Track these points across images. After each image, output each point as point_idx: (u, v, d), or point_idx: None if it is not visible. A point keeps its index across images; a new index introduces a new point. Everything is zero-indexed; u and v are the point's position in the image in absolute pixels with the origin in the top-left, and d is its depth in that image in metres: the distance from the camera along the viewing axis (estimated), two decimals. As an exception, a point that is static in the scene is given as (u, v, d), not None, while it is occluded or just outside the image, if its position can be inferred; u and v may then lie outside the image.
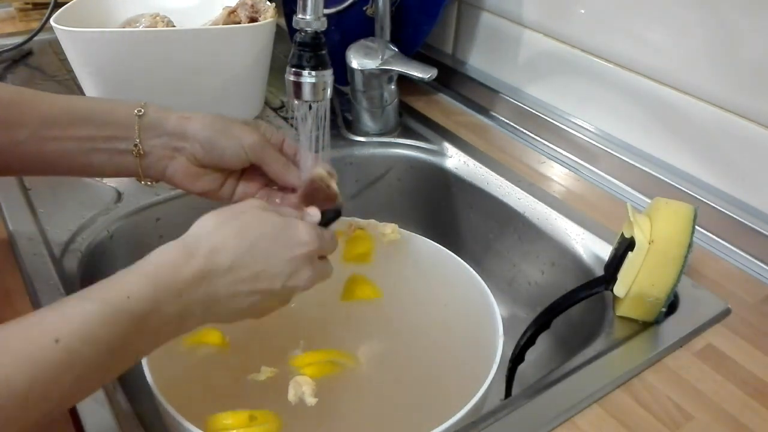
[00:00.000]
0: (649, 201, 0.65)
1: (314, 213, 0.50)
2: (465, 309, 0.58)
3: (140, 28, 0.83)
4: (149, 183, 0.54)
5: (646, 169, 0.73)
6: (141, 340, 0.39)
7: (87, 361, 0.35)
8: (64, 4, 0.80)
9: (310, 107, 0.55)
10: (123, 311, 0.37)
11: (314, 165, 0.53)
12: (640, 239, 0.53)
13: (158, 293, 0.39)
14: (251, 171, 0.54)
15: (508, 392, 0.62)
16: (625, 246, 0.55)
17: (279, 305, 0.47)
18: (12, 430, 0.33)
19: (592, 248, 0.67)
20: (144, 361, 0.46)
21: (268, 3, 0.84)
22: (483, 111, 0.92)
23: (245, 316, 0.45)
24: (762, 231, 0.64)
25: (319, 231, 0.47)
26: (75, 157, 0.51)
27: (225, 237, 0.43)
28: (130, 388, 0.51)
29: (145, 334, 0.39)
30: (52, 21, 0.74)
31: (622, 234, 0.56)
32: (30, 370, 0.33)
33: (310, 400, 0.48)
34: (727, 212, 0.66)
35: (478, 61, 0.95)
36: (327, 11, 0.55)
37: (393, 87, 0.84)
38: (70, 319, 0.35)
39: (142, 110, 0.51)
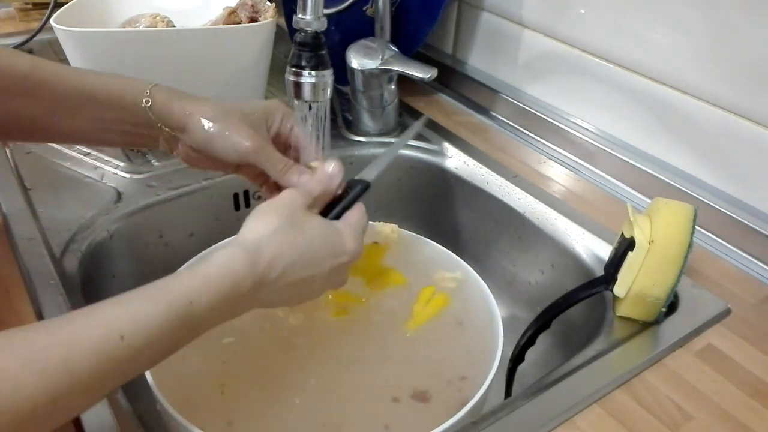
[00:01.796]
0: (649, 201, 0.65)
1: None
2: (465, 309, 0.58)
3: (140, 28, 0.83)
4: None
5: (646, 169, 0.73)
6: (189, 338, 0.41)
7: (145, 357, 0.37)
8: (64, 4, 0.80)
9: (310, 107, 0.55)
10: (185, 317, 0.39)
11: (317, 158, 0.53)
12: (640, 239, 0.53)
13: (217, 302, 0.40)
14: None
15: (508, 392, 0.62)
16: (625, 246, 0.55)
17: (308, 299, 0.49)
18: (72, 415, 0.35)
19: (592, 248, 0.67)
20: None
21: (268, 3, 0.84)
22: (483, 111, 0.92)
23: (278, 306, 0.50)
24: (762, 231, 0.64)
25: (360, 235, 0.49)
26: (87, 133, 0.53)
27: (281, 245, 0.44)
28: (130, 388, 0.51)
29: (194, 333, 0.41)
30: (52, 21, 0.74)
31: (622, 234, 0.56)
32: (95, 364, 0.34)
33: None
34: (727, 212, 0.66)
35: (478, 61, 0.95)
36: (327, 11, 0.55)
37: (393, 87, 0.84)
38: (136, 318, 0.37)
39: (150, 100, 0.52)
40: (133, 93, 0.52)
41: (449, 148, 0.83)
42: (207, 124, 0.51)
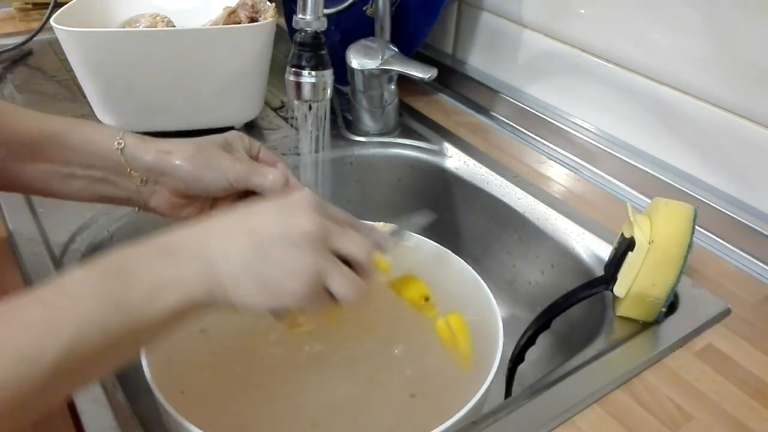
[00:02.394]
0: (649, 201, 0.65)
1: None
2: (465, 309, 0.58)
3: (140, 28, 0.83)
4: (138, 209, 0.53)
5: (646, 169, 0.73)
6: (137, 298, 0.36)
7: (80, 317, 0.34)
8: (64, 4, 0.80)
9: (310, 107, 0.55)
10: (106, 270, 0.36)
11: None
12: (640, 239, 0.53)
13: (142, 254, 0.38)
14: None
15: (508, 392, 0.62)
16: (625, 246, 0.55)
17: (306, 264, 0.40)
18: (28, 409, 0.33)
19: (592, 248, 0.67)
20: (144, 361, 0.46)
21: (268, 3, 0.84)
22: (483, 111, 0.92)
23: (278, 285, 0.39)
24: (762, 231, 0.64)
25: (309, 192, 0.45)
26: (52, 181, 0.50)
27: (209, 219, 0.42)
28: (130, 388, 0.51)
29: (140, 291, 0.36)
30: (52, 21, 0.74)
31: (622, 234, 0.56)
32: (16, 330, 0.32)
33: None
34: (727, 212, 0.66)
35: (478, 61, 0.95)
36: (327, 11, 0.55)
37: (393, 87, 0.84)
38: (55, 284, 0.35)
39: (122, 142, 0.49)
40: (104, 135, 0.50)
41: (449, 148, 0.83)
42: (189, 155, 0.49)
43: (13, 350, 0.32)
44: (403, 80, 0.84)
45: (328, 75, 0.54)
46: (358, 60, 0.80)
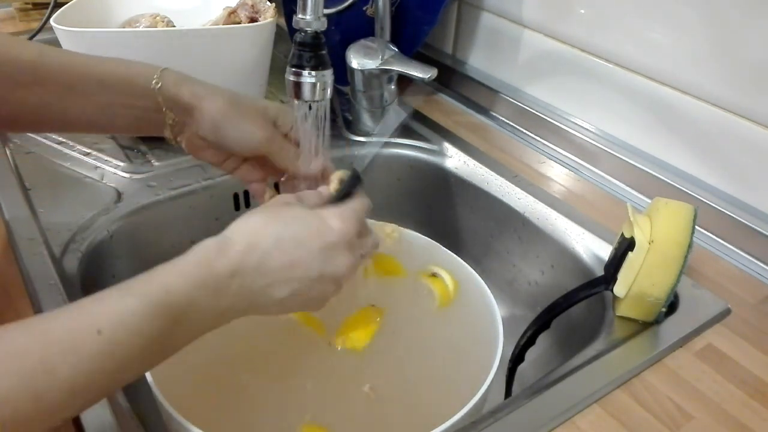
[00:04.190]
0: (649, 201, 0.65)
1: (323, 189, 0.51)
2: (465, 309, 0.58)
3: (140, 28, 0.83)
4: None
5: (646, 169, 0.73)
6: (180, 332, 0.39)
7: (128, 352, 0.36)
8: (64, 4, 0.80)
9: (310, 107, 0.55)
10: (162, 305, 0.38)
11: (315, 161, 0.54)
12: (640, 239, 0.53)
13: (194, 289, 0.39)
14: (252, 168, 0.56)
15: (508, 392, 0.62)
16: (625, 246, 0.55)
17: (329, 293, 0.47)
18: (58, 418, 0.34)
19: (592, 248, 0.67)
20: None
21: (268, 3, 0.84)
22: (483, 111, 0.92)
23: (294, 307, 0.46)
24: (762, 231, 0.64)
25: (348, 214, 0.47)
26: (97, 119, 0.52)
27: (256, 231, 0.44)
28: (130, 388, 0.51)
29: (184, 326, 0.39)
30: (52, 21, 0.74)
31: (622, 234, 0.56)
32: (74, 361, 0.34)
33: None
34: (727, 212, 0.66)
35: (478, 61, 0.95)
36: (327, 11, 0.55)
37: (393, 87, 0.84)
38: (113, 310, 0.36)
39: (159, 83, 0.51)
40: (143, 76, 0.52)
41: (449, 148, 0.83)
42: (220, 107, 0.51)
43: (69, 382, 0.33)
44: (403, 80, 0.84)
45: (328, 75, 0.54)
46: (358, 60, 0.80)
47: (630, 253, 0.54)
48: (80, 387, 0.34)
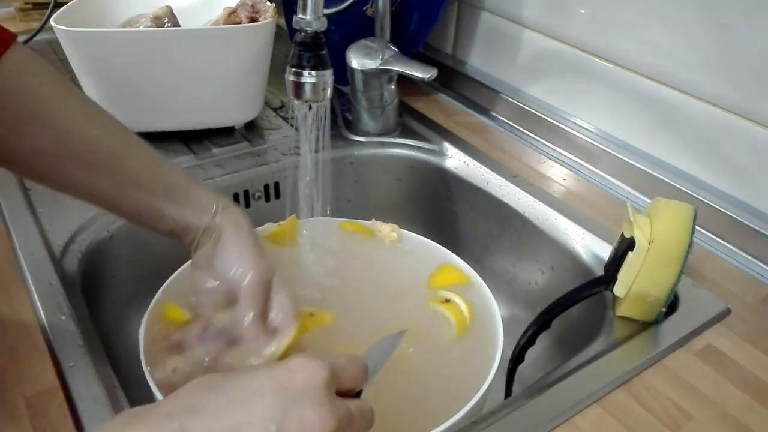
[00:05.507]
0: (649, 201, 0.65)
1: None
2: (465, 309, 0.58)
3: (140, 28, 0.83)
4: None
5: (646, 169, 0.73)
6: None
7: None
8: (64, 4, 0.80)
9: (310, 107, 0.55)
10: None
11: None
12: (640, 239, 0.53)
13: None
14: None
15: (508, 392, 0.62)
16: (625, 246, 0.55)
17: None
18: None
19: (592, 248, 0.67)
20: (144, 361, 0.46)
21: (268, 3, 0.84)
22: (483, 111, 0.92)
23: None
24: (762, 231, 0.64)
25: (325, 354, 0.35)
26: (139, 217, 0.50)
27: (193, 393, 0.34)
28: (131, 390, 0.51)
29: None
30: (52, 21, 0.74)
31: (622, 234, 0.56)
32: None
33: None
34: (727, 212, 0.66)
35: (478, 61, 0.95)
36: (327, 11, 0.55)
37: (393, 87, 0.84)
38: None
39: (220, 210, 0.50)
40: (207, 198, 0.51)
41: (449, 148, 0.83)
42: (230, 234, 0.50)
43: None
44: (403, 80, 0.84)
45: (328, 75, 0.54)
46: (358, 60, 0.80)
47: (630, 253, 0.54)
48: None
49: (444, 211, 0.85)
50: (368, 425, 0.36)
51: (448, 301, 0.58)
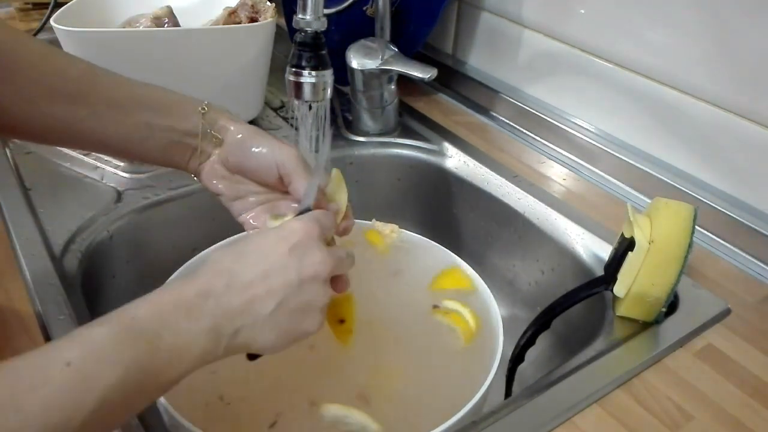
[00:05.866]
0: (649, 201, 0.65)
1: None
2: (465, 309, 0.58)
3: (140, 28, 0.83)
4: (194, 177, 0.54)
5: (646, 169, 0.73)
6: (161, 361, 0.37)
7: (104, 385, 0.33)
8: (64, 4, 0.80)
9: (310, 107, 0.55)
10: (130, 331, 0.36)
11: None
12: (640, 239, 0.53)
13: (163, 313, 0.38)
14: (261, 210, 0.54)
15: (508, 392, 0.62)
16: (625, 246, 0.55)
17: (320, 297, 0.43)
18: None
19: (592, 248, 0.67)
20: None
21: (268, 3, 0.84)
22: (483, 111, 0.92)
23: (291, 324, 0.42)
24: (762, 231, 0.64)
25: (308, 217, 0.45)
26: (130, 141, 0.51)
27: (221, 253, 0.43)
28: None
29: (163, 354, 0.37)
30: (52, 21, 0.74)
31: (622, 234, 0.56)
32: (43, 394, 0.32)
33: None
34: (727, 212, 0.66)
35: (478, 61, 0.95)
36: (327, 11, 0.55)
37: (393, 87, 0.84)
38: (80, 341, 0.35)
39: (206, 108, 0.52)
40: (189, 102, 0.52)
41: (449, 148, 0.83)
42: (247, 130, 0.52)
43: (41, 418, 0.31)
44: (403, 80, 0.84)
45: (328, 75, 0.54)
46: (358, 60, 0.80)
47: (630, 253, 0.54)
48: (56, 424, 0.32)
49: (444, 211, 0.85)
50: (352, 263, 0.48)
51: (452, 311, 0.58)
